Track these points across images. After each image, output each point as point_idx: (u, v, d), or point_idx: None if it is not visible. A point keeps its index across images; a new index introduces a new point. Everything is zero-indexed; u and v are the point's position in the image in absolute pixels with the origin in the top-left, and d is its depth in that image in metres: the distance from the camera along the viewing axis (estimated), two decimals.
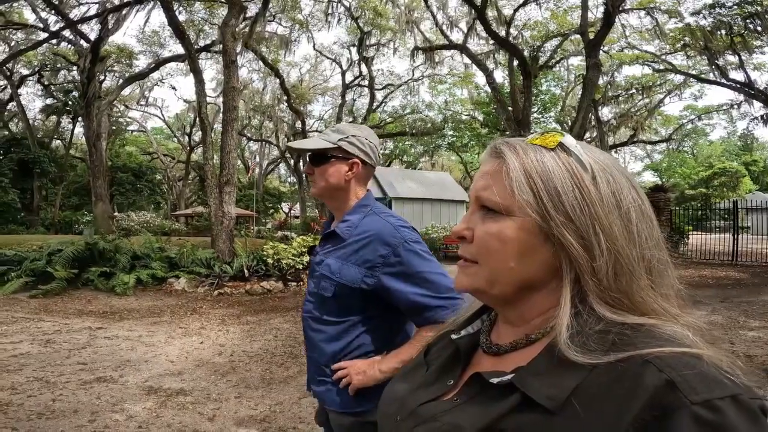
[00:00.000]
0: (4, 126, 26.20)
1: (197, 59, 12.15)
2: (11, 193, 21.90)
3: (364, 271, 1.29)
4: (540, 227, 0.51)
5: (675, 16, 15.42)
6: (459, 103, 27.46)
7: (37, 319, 5.73)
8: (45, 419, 2.96)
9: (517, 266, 0.52)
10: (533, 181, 0.52)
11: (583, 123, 13.14)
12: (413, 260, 1.28)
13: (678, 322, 0.49)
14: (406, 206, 20.97)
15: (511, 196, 0.52)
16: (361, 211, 1.38)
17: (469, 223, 0.56)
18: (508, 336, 0.57)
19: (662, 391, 0.41)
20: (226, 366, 4.19)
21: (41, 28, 16.93)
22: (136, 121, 34.16)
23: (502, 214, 0.53)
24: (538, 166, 0.52)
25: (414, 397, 0.60)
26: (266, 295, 7.79)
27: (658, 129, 28.40)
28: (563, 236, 0.50)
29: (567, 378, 0.46)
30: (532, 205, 0.51)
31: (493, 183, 0.54)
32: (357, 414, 1.31)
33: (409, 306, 1.28)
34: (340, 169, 1.39)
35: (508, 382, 0.49)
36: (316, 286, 1.37)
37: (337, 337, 1.34)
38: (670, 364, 0.42)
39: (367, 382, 1.28)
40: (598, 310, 0.49)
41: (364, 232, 1.34)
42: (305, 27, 19.73)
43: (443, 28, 16.96)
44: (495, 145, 0.57)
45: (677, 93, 21.83)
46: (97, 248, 8.32)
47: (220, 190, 9.70)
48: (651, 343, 0.45)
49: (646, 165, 43.59)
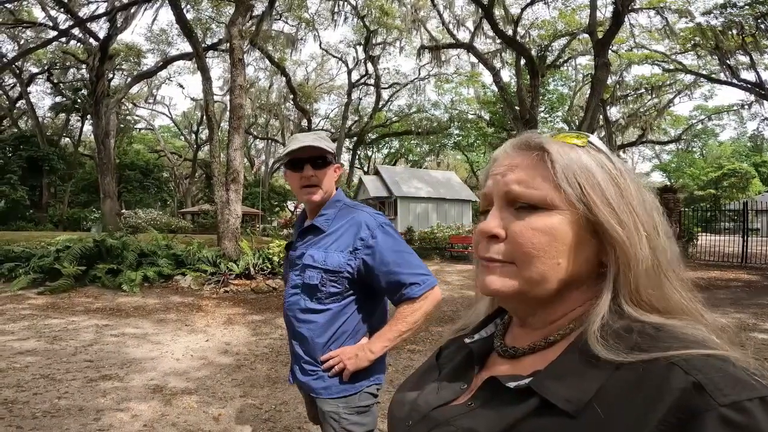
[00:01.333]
0: (13, 124, 26.50)
1: (204, 57, 12.19)
2: (20, 190, 22.14)
3: (346, 255, 1.40)
4: (588, 220, 0.50)
5: (685, 16, 15.25)
6: (465, 102, 27.35)
7: (44, 315, 5.77)
8: (50, 417, 2.95)
9: (565, 262, 0.50)
10: (577, 174, 0.50)
11: (592, 123, 13.03)
12: (389, 241, 1.41)
13: (703, 322, 0.48)
14: (411, 205, 20.94)
15: (554, 188, 0.50)
16: (335, 205, 1.51)
17: (501, 221, 0.52)
18: (525, 339, 0.55)
19: (689, 393, 0.40)
20: (231, 364, 4.18)
21: (51, 27, 17.08)
22: (144, 119, 34.47)
23: (545, 208, 0.50)
24: (579, 160, 0.51)
25: (426, 401, 0.58)
26: (272, 293, 7.80)
27: (667, 129, 28.17)
28: (613, 228, 0.49)
29: (588, 381, 0.45)
30: (580, 198, 0.49)
31: (529, 176, 0.52)
32: (346, 398, 1.40)
33: (387, 285, 1.39)
34: (333, 174, 1.52)
35: (525, 386, 0.48)
36: (301, 277, 1.44)
37: (325, 326, 1.41)
38: (696, 366, 0.41)
39: (360, 365, 1.37)
40: (624, 306, 0.48)
41: (343, 222, 1.45)
42: (312, 25, 19.76)
43: (450, 27, 16.90)
44: (528, 139, 0.55)
45: (687, 93, 21.60)
46: (104, 245, 8.37)
47: (227, 188, 9.72)
48: (675, 344, 0.44)
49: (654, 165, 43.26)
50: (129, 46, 21.77)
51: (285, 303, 1.50)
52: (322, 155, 1.47)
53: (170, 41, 23.65)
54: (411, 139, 31.52)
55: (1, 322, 5.31)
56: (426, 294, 1.39)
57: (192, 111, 34.43)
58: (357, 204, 1.53)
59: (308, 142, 1.45)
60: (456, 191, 22.71)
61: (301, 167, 1.47)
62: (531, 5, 15.92)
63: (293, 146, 1.46)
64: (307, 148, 1.45)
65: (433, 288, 1.41)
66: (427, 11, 17.94)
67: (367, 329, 1.45)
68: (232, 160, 9.82)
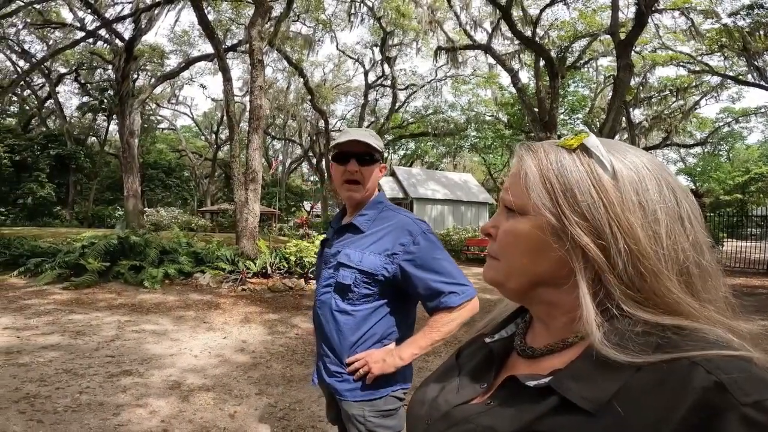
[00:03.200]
0: (42, 123, 27.35)
1: (225, 58, 12.37)
2: (48, 188, 22.83)
3: (384, 258, 1.37)
4: (553, 226, 0.52)
5: (711, 17, 14.81)
6: (482, 103, 27.10)
7: (68, 311, 5.93)
8: (71, 412, 3.02)
9: (529, 262, 0.54)
10: (549, 182, 0.53)
11: (614, 125, 12.77)
12: (431, 249, 1.39)
13: (722, 326, 0.48)
14: (427, 207, 20.86)
15: (526, 196, 0.54)
16: (377, 206, 1.49)
17: (495, 222, 0.59)
18: (544, 339, 0.57)
19: (711, 392, 0.40)
20: (247, 362, 4.24)
21: (78, 27, 17.54)
22: (167, 119, 35.15)
23: (520, 214, 0.55)
24: (556, 167, 0.53)
25: (446, 399, 0.59)
26: (288, 292, 7.87)
27: (692, 132, 27.41)
28: (578, 235, 0.50)
29: (608, 380, 0.45)
30: (546, 205, 0.52)
31: (512, 184, 0.57)
32: (372, 401, 1.37)
33: (425, 291, 1.37)
34: (378, 173, 1.50)
35: (545, 385, 0.49)
36: (334, 276, 1.42)
37: (354, 327, 1.39)
38: (719, 366, 0.42)
39: (386, 370, 1.34)
40: (627, 309, 0.48)
41: (383, 224, 1.43)
42: (328, 27, 19.85)
43: (467, 28, 16.75)
44: (518, 149, 0.59)
45: (714, 95, 20.98)
46: (128, 242, 8.58)
47: (246, 188, 9.85)
48: (698, 346, 0.44)
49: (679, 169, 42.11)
50: (153, 47, 22.22)
51: (316, 301, 1.48)
52: (370, 152, 1.44)
53: (192, 42, 24.12)
54: (427, 140, 31.40)
55: (26, 317, 5.49)
56: (464, 304, 1.37)
57: (213, 111, 35.01)
58: (399, 208, 1.51)
59: (357, 137, 1.43)
60: (473, 193, 22.53)
61: (346, 161, 1.44)
62: (550, 6, 15.68)
63: (342, 139, 1.43)
64: (354, 143, 1.42)
65: (472, 299, 1.38)
66: (443, 12, 17.82)
67: (396, 334, 1.43)
68: (251, 160, 9.95)
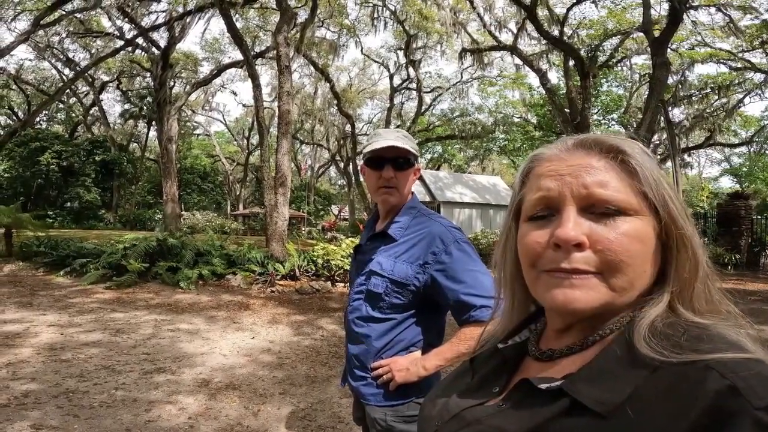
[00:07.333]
0: (87, 130, 28.89)
1: (254, 65, 12.74)
2: (93, 192, 24.12)
3: (416, 268, 1.34)
4: (664, 225, 0.50)
5: (750, 12, 14.07)
6: (511, 105, 26.66)
7: (109, 309, 6.28)
8: (106, 407, 3.19)
9: (649, 269, 0.50)
10: (657, 179, 0.50)
11: (651, 125, 12.29)
12: (464, 259, 1.33)
13: (744, 326, 0.49)
14: (455, 211, 20.72)
15: (636, 194, 0.50)
16: (410, 212, 1.44)
17: (582, 227, 0.49)
18: (563, 341, 0.55)
19: (724, 396, 0.40)
20: (273, 362, 4.37)
21: (117, 36, 18.38)
22: (201, 125, 36.42)
23: (629, 214, 0.49)
24: (652, 165, 0.51)
25: (458, 402, 0.60)
26: (315, 294, 8.03)
27: (737, 131, 26.01)
28: (691, 234, 0.50)
29: (621, 383, 0.45)
30: (662, 205, 0.50)
31: (612, 179, 0.50)
32: (394, 407, 1.36)
33: (456, 303, 1.32)
34: (413, 177, 1.45)
35: (557, 387, 0.48)
36: (366, 284, 1.40)
37: (383, 334, 1.38)
38: (733, 369, 0.41)
39: (409, 378, 1.32)
40: (679, 309, 0.49)
41: (416, 232, 1.39)
42: (352, 32, 20.01)
43: (491, 29, 16.50)
44: (600, 139, 0.54)
45: (758, 92, 19.87)
46: (166, 244, 8.98)
47: (275, 192, 10.11)
48: (716, 347, 0.44)
49: (724, 169, 39.96)
50: (186, 54, 23.09)
51: (348, 307, 1.48)
52: (406, 156, 1.39)
53: (222, 49, 24.89)
54: (454, 143, 31.13)
55: (71, 315, 5.84)
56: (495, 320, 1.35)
57: (244, 117, 36.00)
58: (432, 213, 1.46)
59: (393, 142, 1.38)
60: (502, 197, 22.19)
61: (381, 166, 1.39)
62: (577, 4, 15.21)
63: (377, 145, 1.38)
64: (391, 149, 1.37)
65: None
66: (466, 14, 17.65)
67: (423, 343, 1.40)
68: (280, 164, 10.20)
